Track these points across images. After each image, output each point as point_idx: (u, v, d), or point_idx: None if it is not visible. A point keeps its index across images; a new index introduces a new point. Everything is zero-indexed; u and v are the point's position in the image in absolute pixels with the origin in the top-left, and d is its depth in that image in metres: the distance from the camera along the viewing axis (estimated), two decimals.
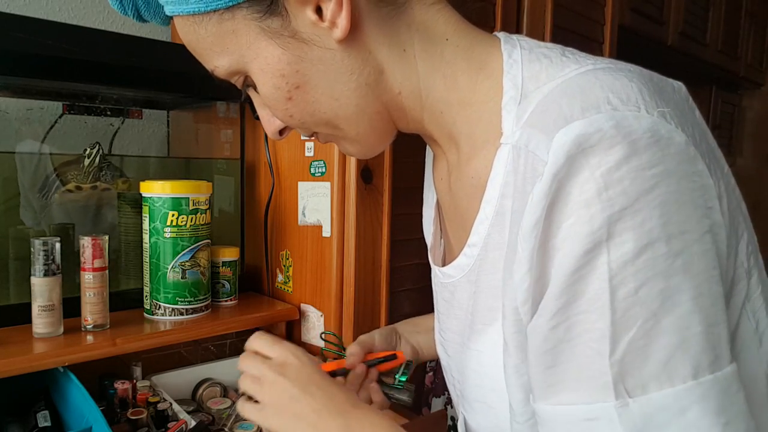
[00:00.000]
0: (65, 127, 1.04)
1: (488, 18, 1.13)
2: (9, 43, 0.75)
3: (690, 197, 0.37)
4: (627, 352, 0.36)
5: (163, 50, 0.94)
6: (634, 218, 0.36)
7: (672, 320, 0.36)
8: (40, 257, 0.77)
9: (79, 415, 0.74)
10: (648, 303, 0.36)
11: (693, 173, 0.38)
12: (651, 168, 0.36)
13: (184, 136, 1.23)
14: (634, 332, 0.36)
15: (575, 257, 0.37)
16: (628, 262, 0.36)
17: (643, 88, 0.40)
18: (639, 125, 0.37)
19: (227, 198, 1.13)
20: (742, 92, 2.54)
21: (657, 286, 0.36)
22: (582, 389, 0.38)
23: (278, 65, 0.48)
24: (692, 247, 0.37)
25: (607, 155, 0.36)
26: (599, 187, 0.36)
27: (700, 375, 0.36)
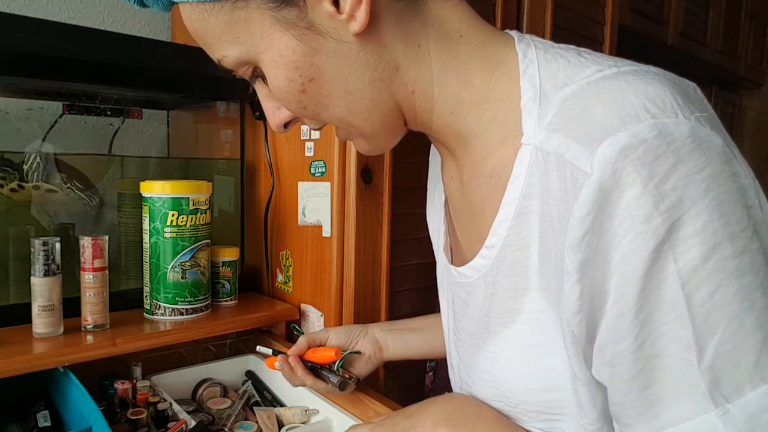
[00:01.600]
0: (65, 127, 1.04)
1: (488, 18, 1.13)
2: (9, 43, 0.75)
3: (738, 196, 0.37)
4: (716, 357, 0.36)
5: (163, 50, 0.94)
6: (695, 223, 0.36)
7: (753, 318, 0.36)
8: (40, 257, 0.77)
9: (79, 415, 0.74)
10: (727, 305, 0.36)
11: (733, 174, 0.38)
12: (699, 172, 0.37)
13: (184, 136, 1.23)
14: (719, 336, 0.36)
15: (643, 272, 0.37)
16: (698, 266, 0.36)
17: (675, 93, 0.40)
18: (680, 132, 0.37)
19: (227, 198, 1.13)
20: (742, 92, 2.54)
21: (732, 287, 0.36)
22: (681, 404, 0.38)
23: (292, 57, 0.47)
24: (752, 244, 0.37)
25: (656, 166, 0.36)
26: (656, 200, 0.36)
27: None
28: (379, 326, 0.81)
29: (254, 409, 0.89)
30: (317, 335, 0.78)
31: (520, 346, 0.50)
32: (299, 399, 0.90)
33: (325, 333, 0.79)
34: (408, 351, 0.79)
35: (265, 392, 0.94)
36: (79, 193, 0.96)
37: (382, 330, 0.80)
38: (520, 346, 0.50)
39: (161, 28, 1.27)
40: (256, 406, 0.90)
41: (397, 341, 0.79)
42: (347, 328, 0.80)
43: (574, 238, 0.40)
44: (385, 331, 0.80)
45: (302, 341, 0.76)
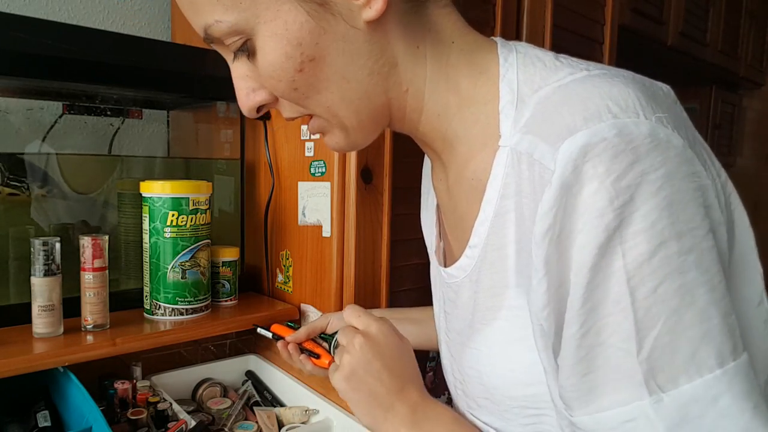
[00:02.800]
0: (65, 127, 1.04)
1: (488, 18, 1.13)
2: (9, 43, 0.75)
3: (692, 196, 0.38)
4: (654, 348, 0.38)
5: (163, 50, 0.94)
6: (645, 221, 0.37)
7: (693, 314, 0.37)
8: (40, 257, 0.77)
9: (79, 415, 0.74)
10: (668, 300, 0.37)
11: (692, 174, 0.39)
12: (655, 171, 0.38)
13: (184, 136, 1.23)
14: (658, 329, 0.37)
15: (592, 264, 0.39)
16: (644, 262, 0.37)
17: (639, 94, 0.41)
18: (639, 131, 0.38)
19: (227, 198, 1.13)
20: (742, 92, 2.54)
21: (674, 283, 0.37)
22: (617, 391, 0.39)
23: (299, 32, 0.45)
24: (701, 244, 0.38)
25: (614, 163, 0.38)
26: (611, 196, 0.37)
27: (725, 363, 0.37)
28: (380, 312, 0.82)
29: (254, 409, 0.89)
30: (318, 323, 0.78)
31: (502, 341, 0.51)
32: (299, 399, 0.90)
33: (326, 319, 0.78)
34: None
35: (265, 392, 0.94)
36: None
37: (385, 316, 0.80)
38: (502, 341, 0.51)
39: (161, 28, 1.27)
40: (256, 406, 0.90)
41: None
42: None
43: (538, 233, 0.41)
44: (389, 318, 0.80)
45: (302, 331, 0.76)
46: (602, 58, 1.40)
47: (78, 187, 0.97)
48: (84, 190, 0.99)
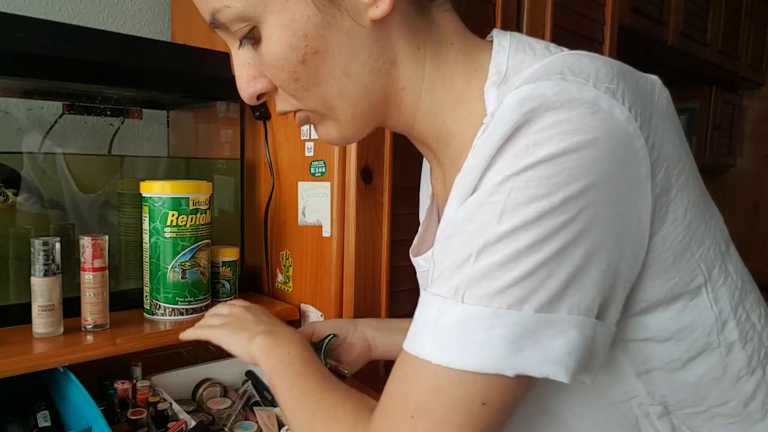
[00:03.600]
0: (65, 127, 1.04)
1: (488, 18, 1.13)
2: (9, 43, 0.75)
3: (609, 168, 0.39)
4: (484, 267, 0.40)
5: (163, 50, 0.94)
6: (545, 171, 0.39)
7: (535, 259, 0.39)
8: (40, 257, 0.77)
9: (79, 415, 0.74)
10: (522, 240, 0.39)
11: (625, 148, 0.40)
12: (581, 134, 0.38)
13: (184, 136, 1.23)
14: (495, 258, 0.40)
15: (490, 186, 0.41)
16: (522, 203, 0.39)
17: (601, 68, 0.42)
18: (581, 95, 0.39)
19: (227, 198, 1.13)
20: (742, 92, 2.54)
21: (533, 231, 0.39)
22: (444, 284, 0.42)
23: (305, 24, 0.46)
24: (587, 211, 0.39)
25: (544, 117, 0.39)
26: (529, 142, 0.39)
27: (522, 307, 0.39)
28: (368, 323, 0.82)
29: (254, 409, 0.89)
30: (306, 330, 0.78)
31: None
32: None
33: (311, 327, 0.79)
34: (394, 352, 0.80)
35: (265, 392, 0.94)
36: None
37: (372, 327, 0.81)
38: None
39: (161, 28, 1.27)
40: (256, 406, 0.90)
41: (385, 340, 0.80)
42: (335, 322, 0.81)
43: (467, 168, 0.43)
44: (374, 328, 0.81)
45: (308, 329, 0.78)
46: None
47: (78, 187, 0.97)
48: (84, 191, 0.99)
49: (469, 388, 0.40)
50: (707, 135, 2.36)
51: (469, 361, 0.40)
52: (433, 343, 0.42)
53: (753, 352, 0.47)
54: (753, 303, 0.49)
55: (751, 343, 0.47)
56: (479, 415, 0.41)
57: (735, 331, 0.46)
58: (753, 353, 0.47)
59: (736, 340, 0.47)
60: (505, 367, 0.39)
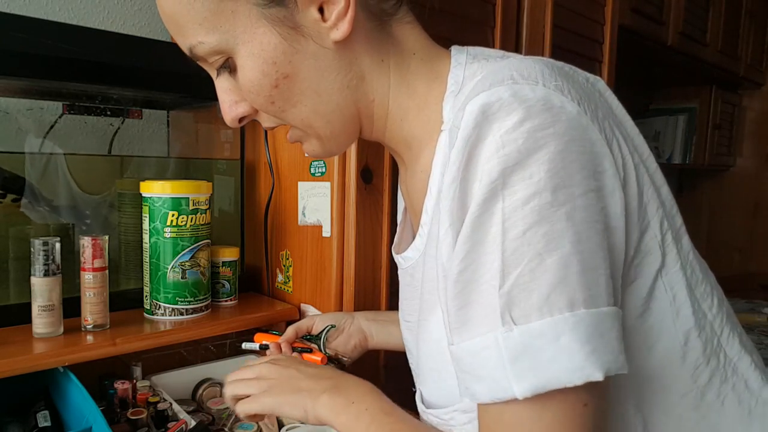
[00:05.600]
0: (65, 127, 1.04)
1: (488, 18, 1.13)
2: (9, 43, 0.75)
3: (577, 158, 0.41)
4: (514, 285, 0.40)
5: (163, 50, 0.93)
6: (524, 171, 0.40)
7: (554, 260, 0.40)
8: (40, 257, 0.77)
9: (79, 415, 0.74)
10: (534, 244, 0.40)
11: (583, 139, 0.42)
12: (542, 130, 0.41)
13: (184, 136, 1.23)
14: (521, 269, 0.40)
15: (478, 206, 0.42)
16: (518, 207, 0.40)
17: (545, 69, 0.45)
18: (534, 94, 0.42)
19: (227, 198, 1.13)
20: (742, 92, 2.53)
21: (542, 230, 0.40)
22: (482, 324, 0.42)
23: (273, 53, 0.50)
24: (575, 200, 0.41)
25: (506, 120, 0.41)
26: (498, 146, 0.41)
27: (575, 308, 0.40)
28: (365, 315, 0.84)
29: None
30: (303, 323, 0.80)
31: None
32: None
33: (311, 320, 0.81)
34: (389, 342, 0.82)
35: None
36: None
37: (368, 319, 0.83)
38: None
39: (161, 28, 1.27)
40: None
41: (381, 331, 0.82)
42: (333, 315, 0.83)
43: (446, 185, 0.45)
44: (370, 320, 0.83)
45: (290, 331, 0.79)
46: (602, 58, 1.40)
47: (78, 187, 0.97)
48: (84, 191, 0.99)
49: (566, 403, 0.40)
50: (707, 135, 2.36)
51: (552, 379, 0.39)
52: (509, 379, 0.40)
53: (707, 341, 0.49)
54: (704, 292, 0.50)
55: (704, 331, 0.49)
56: (583, 423, 0.41)
57: (691, 318, 0.48)
58: (707, 342, 0.49)
59: (692, 328, 0.48)
60: (590, 373, 0.39)
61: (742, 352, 0.51)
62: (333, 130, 0.55)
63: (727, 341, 0.50)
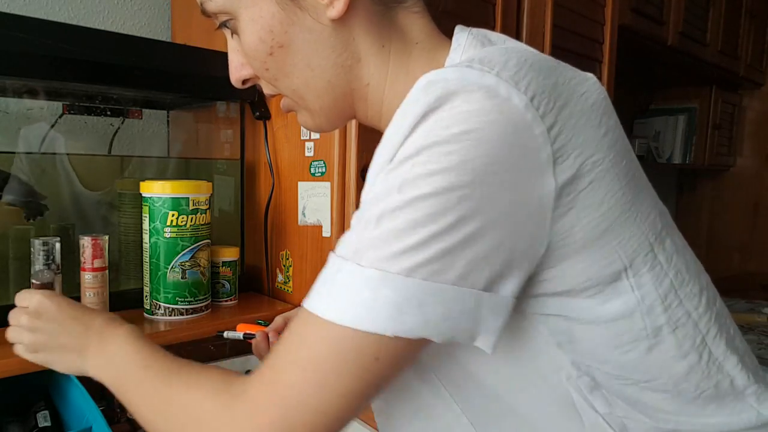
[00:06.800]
0: (65, 127, 1.04)
1: (488, 18, 1.13)
2: (9, 43, 0.75)
3: (504, 150, 0.41)
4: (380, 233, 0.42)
5: (163, 50, 0.94)
6: (443, 149, 0.41)
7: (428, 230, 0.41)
8: (40, 257, 0.77)
9: (79, 415, 0.74)
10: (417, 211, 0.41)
11: (522, 133, 0.41)
12: (477, 116, 0.41)
13: (184, 136, 1.23)
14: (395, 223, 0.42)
15: (386, 159, 0.43)
16: (421, 176, 0.41)
17: (511, 60, 0.44)
18: (480, 80, 0.42)
19: (227, 198, 1.13)
20: (742, 92, 2.53)
21: (430, 201, 0.41)
22: (346, 247, 0.45)
23: (271, 21, 0.52)
24: (481, 189, 0.41)
25: (443, 99, 0.41)
26: (433, 124, 0.41)
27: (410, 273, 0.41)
28: None
29: None
30: (292, 313, 0.79)
31: None
32: None
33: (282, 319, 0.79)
34: None
35: None
36: None
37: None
38: None
39: (161, 28, 1.27)
40: None
41: None
42: None
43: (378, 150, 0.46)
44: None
45: (279, 319, 0.78)
46: (602, 58, 1.40)
47: (78, 187, 0.97)
48: (84, 191, 0.99)
49: (358, 344, 0.43)
50: (707, 135, 2.36)
51: (356, 319, 0.42)
52: (328, 300, 0.44)
53: (685, 338, 0.49)
54: (691, 293, 0.51)
55: (683, 328, 0.49)
56: (368, 371, 0.43)
57: (662, 316, 0.48)
58: (685, 338, 0.49)
59: (664, 324, 0.49)
60: (386, 328, 0.42)
61: (728, 352, 0.51)
62: (322, 105, 0.56)
63: (713, 340, 0.51)
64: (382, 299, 0.42)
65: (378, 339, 0.42)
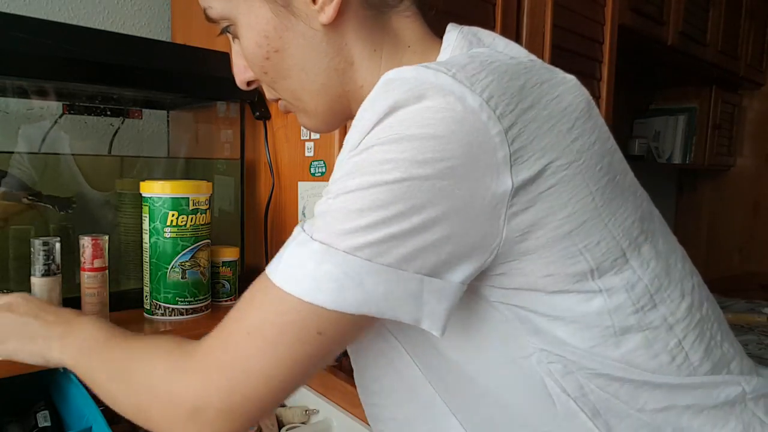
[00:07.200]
0: (65, 127, 1.04)
1: (488, 18, 1.13)
2: (9, 43, 0.75)
3: (455, 147, 0.42)
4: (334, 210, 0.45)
5: (163, 50, 0.94)
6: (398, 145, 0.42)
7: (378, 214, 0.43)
8: (40, 257, 0.77)
9: (79, 415, 0.74)
10: (368, 197, 0.43)
11: (476, 133, 0.42)
12: (431, 113, 0.42)
13: (184, 136, 1.23)
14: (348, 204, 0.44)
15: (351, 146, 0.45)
16: (376, 163, 0.43)
17: (472, 63, 0.45)
18: (435, 80, 0.43)
19: (227, 198, 1.13)
20: (742, 92, 2.54)
21: (382, 188, 0.43)
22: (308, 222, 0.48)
23: (265, 27, 0.54)
24: (432, 183, 0.42)
25: (399, 96, 0.43)
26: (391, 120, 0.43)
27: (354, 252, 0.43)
28: None
29: None
30: None
31: None
32: (299, 399, 0.90)
33: None
34: None
35: None
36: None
37: None
38: None
39: (161, 28, 1.27)
40: None
41: None
42: None
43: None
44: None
45: None
46: (602, 57, 1.40)
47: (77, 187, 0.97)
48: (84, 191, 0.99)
49: (302, 315, 0.45)
50: (707, 135, 2.36)
51: (298, 289, 0.44)
52: (280, 268, 0.46)
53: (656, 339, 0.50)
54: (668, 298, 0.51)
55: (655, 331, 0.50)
56: (311, 342, 0.45)
57: (632, 317, 0.49)
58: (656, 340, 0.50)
59: (634, 325, 0.49)
60: (326, 301, 0.44)
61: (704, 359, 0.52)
62: (317, 107, 0.58)
63: (691, 345, 0.51)
64: (324, 273, 0.44)
65: (320, 312, 0.44)
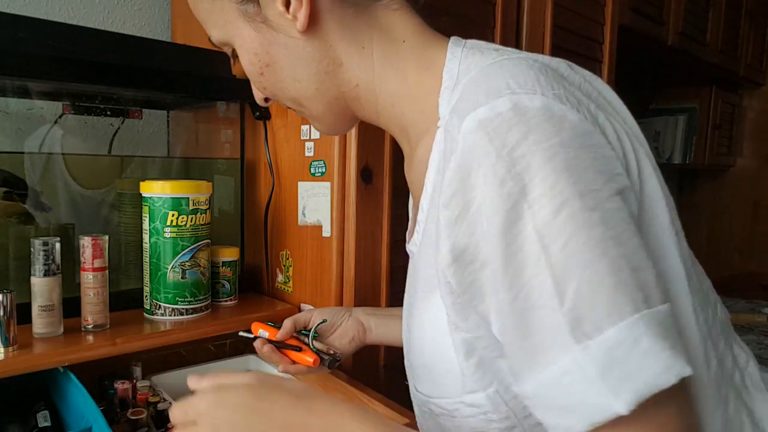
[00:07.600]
0: (65, 127, 1.04)
1: (488, 18, 1.13)
2: (9, 43, 0.75)
3: (591, 163, 0.41)
4: (575, 300, 0.39)
5: (163, 50, 0.94)
6: (544, 184, 0.40)
7: (606, 264, 0.39)
8: (40, 257, 0.77)
9: (79, 415, 0.74)
10: (579, 253, 0.39)
11: (591, 145, 0.42)
12: (548, 140, 0.40)
13: (184, 136, 1.23)
14: (576, 282, 0.39)
15: (504, 231, 0.41)
16: (551, 221, 0.39)
17: (539, 74, 0.45)
18: (533, 105, 0.42)
19: (227, 198, 1.13)
20: (742, 92, 2.53)
21: (582, 237, 0.39)
22: (553, 349, 0.40)
23: (252, 45, 0.56)
24: (604, 204, 0.40)
25: (509, 136, 0.41)
26: (508, 166, 0.40)
27: (640, 309, 0.38)
28: (363, 309, 0.84)
29: None
30: (301, 316, 0.79)
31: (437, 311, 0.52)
32: None
33: (309, 314, 0.80)
34: (389, 336, 0.81)
35: None
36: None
37: (366, 312, 0.83)
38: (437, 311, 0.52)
39: (161, 28, 1.27)
40: None
41: (380, 324, 0.81)
42: (331, 309, 0.83)
43: (445, 197, 0.45)
44: (369, 313, 0.83)
45: (288, 324, 0.77)
46: (602, 58, 1.40)
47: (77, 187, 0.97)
48: (84, 191, 0.99)
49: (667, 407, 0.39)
50: (707, 135, 2.36)
51: (650, 384, 0.37)
52: (606, 396, 0.38)
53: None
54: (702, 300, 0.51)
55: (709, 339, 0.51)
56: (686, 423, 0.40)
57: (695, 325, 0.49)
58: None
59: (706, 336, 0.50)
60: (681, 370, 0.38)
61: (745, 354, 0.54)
62: (319, 111, 0.59)
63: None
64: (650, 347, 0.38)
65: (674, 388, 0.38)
